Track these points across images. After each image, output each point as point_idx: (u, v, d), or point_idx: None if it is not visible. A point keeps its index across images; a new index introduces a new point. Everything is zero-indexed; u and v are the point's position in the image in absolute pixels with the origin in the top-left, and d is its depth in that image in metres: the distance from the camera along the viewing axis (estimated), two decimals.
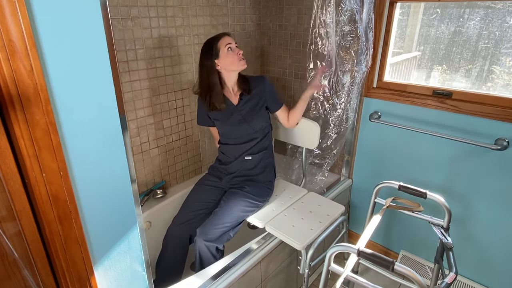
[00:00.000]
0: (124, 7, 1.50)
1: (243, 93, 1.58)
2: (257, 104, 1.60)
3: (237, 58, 1.49)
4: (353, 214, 2.14)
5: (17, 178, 0.62)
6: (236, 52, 1.49)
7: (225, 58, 1.47)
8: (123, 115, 0.77)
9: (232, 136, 1.62)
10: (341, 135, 1.81)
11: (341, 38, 1.61)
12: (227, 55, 1.47)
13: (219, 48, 1.46)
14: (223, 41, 1.47)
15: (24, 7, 0.55)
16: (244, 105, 1.58)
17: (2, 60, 0.54)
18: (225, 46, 1.46)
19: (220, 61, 1.48)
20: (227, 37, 1.49)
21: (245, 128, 1.58)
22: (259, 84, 1.60)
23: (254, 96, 1.59)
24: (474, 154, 1.55)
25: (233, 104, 1.58)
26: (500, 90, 1.50)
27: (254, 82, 1.61)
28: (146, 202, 1.79)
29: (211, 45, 1.48)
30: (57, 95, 0.64)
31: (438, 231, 1.32)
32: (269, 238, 1.50)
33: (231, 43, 1.48)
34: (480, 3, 1.47)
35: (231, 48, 1.47)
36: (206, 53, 1.49)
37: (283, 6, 2.06)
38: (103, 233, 0.82)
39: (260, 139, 1.62)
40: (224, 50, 1.46)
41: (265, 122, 1.63)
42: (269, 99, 1.63)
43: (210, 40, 1.50)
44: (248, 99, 1.58)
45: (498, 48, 1.47)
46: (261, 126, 1.61)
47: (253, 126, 1.59)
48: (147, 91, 1.70)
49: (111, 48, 0.70)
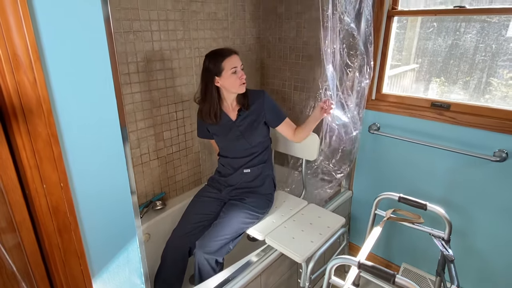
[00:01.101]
0: (126, 21, 1.52)
1: (242, 108, 1.56)
2: (256, 119, 1.58)
3: (239, 82, 1.46)
4: (354, 226, 2.13)
5: (17, 189, 0.62)
6: (239, 76, 1.45)
7: (226, 79, 1.44)
8: (124, 127, 0.77)
9: (230, 150, 1.63)
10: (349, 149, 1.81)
11: (343, 54, 1.63)
12: (229, 77, 1.44)
13: (223, 67, 1.43)
14: (230, 62, 1.43)
15: (30, 21, 0.56)
16: (243, 121, 1.57)
17: (6, 73, 0.54)
18: (230, 68, 1.43)
19: (221, 80, 1.45)
20: (235, 58, 1.45)
21: (243, 143, 1.58)
22: (258, 99, 1.57)
23: (253, 112, 1.57)
24: (473, 166, 1.55)
25: (231, 119, 1.57)
26: (498, 102, 1.51)
27: (253, 96, 1.57)
28: (145, 213, 1.78)
29: (216, 61, 1.43)
30: (59, 106, 0.65)
31: (439, 243, 1.31)
32: (269, 251, 1.49)
33: (237, 66, 1.44)
34: (476, 17, 1.49)
35: (235, 71, 1.45)
36: (209, 67, 1.45)
37: (282, 20, 2.09)
38: (102, 245, 0.81)
39: (259, 153, 1.62)
40: (228, 72, 1.43)
41: (264, 137, 1.62)
42: (269, 114, 1.59)
43: (217, 54, 1.45)
44: (246, 115, 1.57)
45: (495, 61, 1.49)
46: (259, 141, 1.60)
47: (251, 142, 1.58)
48: (148, 103, 1.71)
49: (113, 61, 0.71)
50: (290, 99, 2.22)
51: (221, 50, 1.46)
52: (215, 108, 1.52)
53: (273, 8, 2.11)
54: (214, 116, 1.53)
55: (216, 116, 1.53)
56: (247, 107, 1.56)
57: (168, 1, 1.66)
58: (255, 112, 1.57)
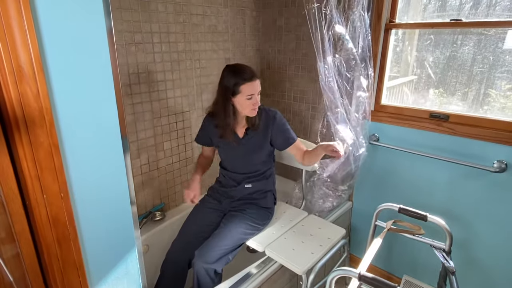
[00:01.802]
0: (128, 33, 1.54)
1: (250, 127, 1.54)
2: (262, 140, 1.56)
3: (251, 108, 1.44)
4: (354, 237, 2.11)
5: (17, 200, 0.63)
6: (253, 102, 1.43)
7: (240, 102, 1.43)
8: (125, 137, 0.78)
9: (233, 165, 1.62)
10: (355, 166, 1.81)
11: (343, 69, 1.64)
12: (244, 101, 1.42)
13: (240, 91, 1.40)
14: (248, 89, 1.40)
15: (34, 34, 0.57)
16: (249, 140, 1.55)
17: (10, 84, 0.55)
18: (247, 94, 1.40)
19: (235, 100, 1.44)
20: (255, 84, 1.41)
21: (246, 161, 1.58)
22: (268, 120, 1.54)
23: (261, 132, 1.54)
24: (473, 177, 1.55)
25: (238, 136, 1.56)
26: (496, 113, 1.52)
27: (265, 116, 1.54)
28: (144, 224, 1.77)
29: (235, 81, 1.39)
30: (61, 117, 0.65)
31: (440, 255, 1.30)
32: (269, 262, 1.47)
33: (254, 93, 1.41)
34: (473, 30, 1.52)
35: (251, 98, 1.42)
36: (226, 83, 1.42)
37: (281, 32, 2.12)
38: (101, 256, 0.81)
39: (262, 170, 1.61)
40: (244, 96, 1.41)
41: (268, 157, 1.61)
42: (278, 137, 1.55)
43: (238, 74, 1.40)
44: (254, 134, 1.55)
45: (492, 72, 1.50)
46: (263, 160, 1.59)
47: (254, 161, 1.57)
48: (149, 113, 1.72)
49: (115, 72, 0.72)
50: (290, 109, 2.24)
51: (243, 71, 1.41)
52: (231, 123, 1.48)
53: (272, 21, 2.15)
54: (230, 132, 1.49)
55: (231, 133, 1.50)
56: (256, 128, 1.53)
57: (169, 14, 1.69)
58: (263, 133, 1.55)
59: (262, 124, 1.54)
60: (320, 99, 2.00)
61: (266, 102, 2.32)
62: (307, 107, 2.14)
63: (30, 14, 0.56)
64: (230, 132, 1.50)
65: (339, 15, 1.53)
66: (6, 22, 0.53)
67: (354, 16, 1.57)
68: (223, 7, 1.94)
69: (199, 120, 1.99)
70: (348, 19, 1.57)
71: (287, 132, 1.56)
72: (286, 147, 1.57)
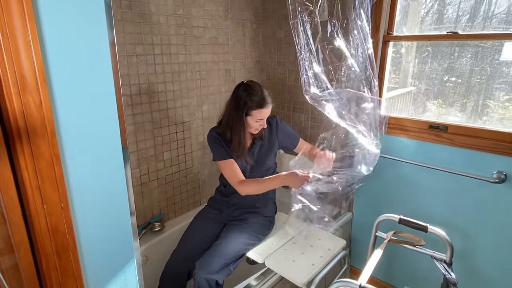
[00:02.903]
0: (130, 45, 1.56)
1: (256, 137, 1.59)
2: (269, 147, 1.61)
3: (257, 128, 1.48)
4: (354, 248, 2.10)
5: (18, 210, 0.62)
6: (261, 123, 1.47)
7: (248, 122, 1.46)
8: (125, 148, 0.78)
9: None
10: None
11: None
12: (252, 123, 1.46)
13: (251, 114, 1.43)
14: (260, 114, 1.42)
15: (38, 45, 0.58)
16: (257, 149, 1.59)
17: (13, 94, 0.56)
18: (257, 119, 1.44)
19: (245, 118, 1.46)
20: (266, 111, 1.43)
21: (254, 171, 1.59)
22: (272, 127, 1.60)
23: (266, 140, 1.61)
24: (473, 187, 1.55)
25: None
26: (495, 124, 1.53)
27: (267, 124, 1.57)
28: (143, 235, 1.76)
29: (248, 105, 1.41)
30: (62, 127, 0.66)
31: (441, 266, 1.29)
32: (268, 274, 1.46)
33: (263, 118, 1.45)
34: (470, 42, 1.54)
35: (260, 121, 1.46)
36: (240, 103, 1.42)
37: (281, 44, 2.15)
38: (100, 267, 0.80)
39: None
40: (253, 120, 1.44)
41: (273, 163, 1.66)
42: (285, 140, 1.63)
43: (253, 96, 1.40)
44: (261, 144, 1.60)
45: (490, 83, 1.52)
46: (269, 167, 1.63)
47: (263, 169, 1.60)
48: (149, 124, 1.73)
49: (117, 83, 0.73)
50: (289, 120, 2.25)
51: (256, 94, 1.41)
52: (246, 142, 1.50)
53: (272, 33, 2.18)
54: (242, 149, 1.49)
55: (244, 149, 1.50)
56: (263, 137, 1.59)
57: (171, 27, 1.71)
58: (268, 139, 1.61)
59: (267, 131, 1.60)
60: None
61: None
62: (306, 118, 2.15)
63: (35, 25, 0.57)
64: (244, 151, 1.51)
65: (334, 26, 1.54)
66: (11, 33, 0.54)
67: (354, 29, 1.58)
68: (223, 20, 1.97)
69: (199, 130, 2.00)
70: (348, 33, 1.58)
71: (291, 131, 1.66)
72: (296, 143, 1.66)
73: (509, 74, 1.46)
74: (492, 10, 1.48)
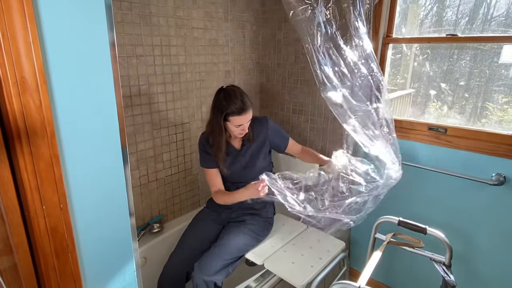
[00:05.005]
0: (130, 46, 1.57)
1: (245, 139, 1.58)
2: (260, 148, 1.60)
3: (238, 133, 1.48)
4: (354, 250, 2.10)
5: (17, 211, 0.62)
6: (242, 128, 1.46)
7: (229, 127, 1.47)
8: (125, 148, 0.78)
9: (233, 176, 1.63)
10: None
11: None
12: (233, 128, 1.46)
13: (230, 120, 1.43)
14: (238, 121, 1.42)
15: (38, 46, 0.58)
16: (247, 151, 1.59)
17: (13, 96, 0.56)
18: (235, 124, 1.44)
19: (225, 123, 1.47)
20: (245, 117, 1.42)
21: (249, 172, 1.59)
22: (262, 127, 1.60)
23: (257, 140, 1.60)
24: (472, 190, 1.56)
25: (236, 149, 1.59)
26: (494, 126, 1.53)
27: (256, 126, 1.59)
28: (142, 236, 1.76)
29: (225, 110, 1.41)
30: (62, 128, 0.66)
31: (440, 269, 1.29)
32: (268, 276, 1.46)
33: (243, 124, 1.44)
34: (469, 45, 1.54)
35: (240, 126, 1.45)
36: (218, 108, 1.43)
37: (281, 46, 2.15)
38: (99, 268, 0.80)
39: None
40: (232, 125, 1.45)
41: (268, 163, 1.65)
42: (276, 140, 1.63)
43: (229, 102, 1.40)
44: (250, 144, 1.59)
45: (489, 86, 1.52)
46: (264, 167, 1.62)
47: (257, 170, 1.58)
48: (148, 125, 1.73)
49: (117, 85, 0.73)
50: (289, 121, 2.25)
51: (234, 102, 1.40)
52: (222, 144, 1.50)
53: (272, 35, 2.18)
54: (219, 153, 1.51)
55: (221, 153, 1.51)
56: (251, 139, 1.58)
57: (171, 28, 1.71)
58: (259, 140, 1.60)
59: (257, 132, 1.59)
60: (319, 111, 2.02)
61: (265, 114, 2.33)
62: (305, 119, 2.16)
63: (35, 26, 0.57)
64: (221, 153, 1.51)
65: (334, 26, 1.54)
66: (11, 35, 0.54)
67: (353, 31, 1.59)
68: (223, 21, 1.98)
69: (199, 131, 2.00)
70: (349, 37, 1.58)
71: (282, 133, 1.67)
72: (286, 145, 1.67)
73: (508, 77, 1.47)
74: (491, 13, 1.49)
